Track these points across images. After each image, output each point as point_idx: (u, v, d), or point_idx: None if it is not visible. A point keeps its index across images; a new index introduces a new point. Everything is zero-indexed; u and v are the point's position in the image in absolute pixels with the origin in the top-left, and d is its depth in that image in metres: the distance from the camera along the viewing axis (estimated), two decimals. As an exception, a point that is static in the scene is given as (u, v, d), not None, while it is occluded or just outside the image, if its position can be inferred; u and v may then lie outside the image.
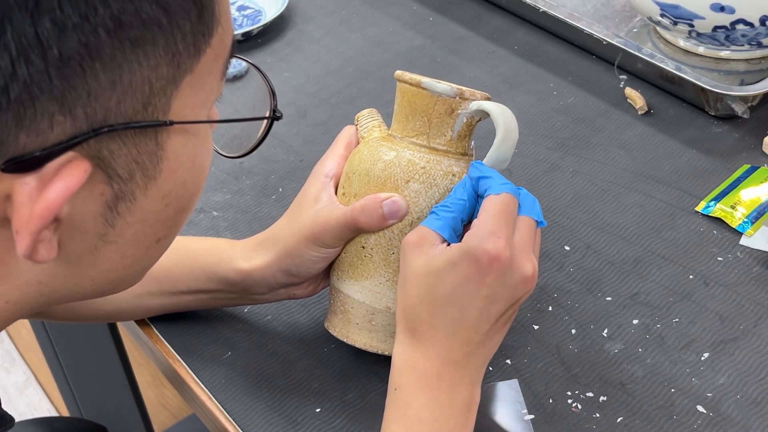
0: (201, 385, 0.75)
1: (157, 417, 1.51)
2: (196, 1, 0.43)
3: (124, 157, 0.43)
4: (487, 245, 0.58)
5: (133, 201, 0.45)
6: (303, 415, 0.71)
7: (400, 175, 0.65)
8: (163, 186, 0.46)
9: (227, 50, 0.48)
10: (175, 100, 0.44)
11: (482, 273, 0.58)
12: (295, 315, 0.79)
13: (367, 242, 0.66)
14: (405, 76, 0.66)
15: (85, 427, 1.00)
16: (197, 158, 0.48)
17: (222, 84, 0.49)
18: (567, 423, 0.69)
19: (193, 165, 0.48)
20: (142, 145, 0.44)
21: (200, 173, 0.49)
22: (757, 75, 1.00)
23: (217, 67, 0.47)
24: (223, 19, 0.46)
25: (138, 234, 0.47)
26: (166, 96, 0.43)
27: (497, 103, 0.65)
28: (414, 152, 0.65)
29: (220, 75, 0.48)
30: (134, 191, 0.45)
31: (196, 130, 0.47)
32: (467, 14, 1.17)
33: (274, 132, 1.00)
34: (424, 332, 0.60)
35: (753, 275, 0.79)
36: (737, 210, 0.84)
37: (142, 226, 0.47)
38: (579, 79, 1.04)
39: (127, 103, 0.42)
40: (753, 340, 0.74)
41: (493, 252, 0.58)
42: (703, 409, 0.69)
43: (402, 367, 0.61)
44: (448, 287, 0.59)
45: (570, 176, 0.91)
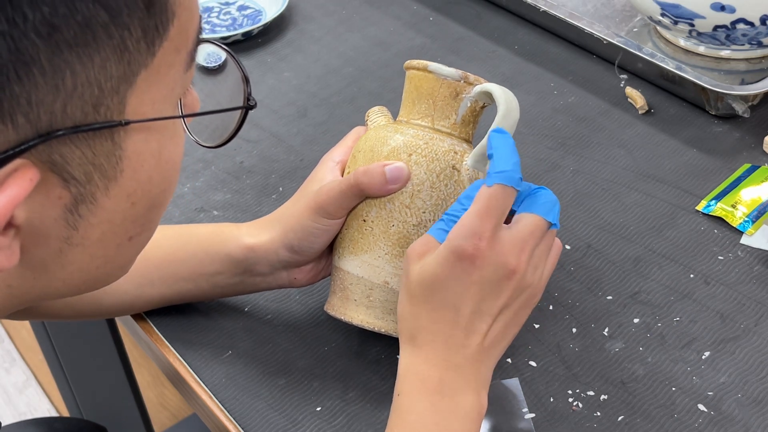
0: (201, 384, 0.75)
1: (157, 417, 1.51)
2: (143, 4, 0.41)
3: (78, 160, 0.42)
4: (465, 243, 0.58)
5: (95, 203, 0.44)
6: (303, 414, 0.71)
7: (402, 149, 0.66)
8: (126, 185, 0.45)
9: (191, 40, 0.46)
10: (131, 97, 0.43)
11: (467, 271, 0.58)
12: (295, 315, 0.79)
13: (368, 215, 0.67)
14: (413, 62, 0.68)
15: (85, 427, 1.00)
16: (163, 154, 0.46)
17: (190, 75, 0.47)
18: (568, 422, 0.69)
19: (158, 161, 0.46)
20: (97, 147, 0.42)
21: (168, 169, 0.47)
22: (757, 74, 1.00)
23: (180, 59, 0.45)
24: (181, 9, 0.44)
25: (106, 234, 0.46)
26: (119, 95, 0.42)
27: (500, 86, 0.66)
28: (417, 131, 0.67)
29: (185, 66, 0.46)
30: (94, 193, 0.44)
31: (160, 126, 0.46)
32: (467, 14, 1.17)
33: (275, 131, 1.00)
34: (424, 338, 0.60)
35: (753, 274, 0.79)
36: (738, 209, 0.84)
37: (109, 226, 0.46)
38: (579, 78, 1.04)
39: (75, 106, 0.40)
40: (754, 339, 0.74)
41: (472, 249, 0.58)
42: (704, 407, 0.69)
43: (404, 374, 0.61)
44: (441, 290, 0.59)
45: (570, 175, 0.91)
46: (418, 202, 0.66)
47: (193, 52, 0.47)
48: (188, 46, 0.46)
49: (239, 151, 0.97)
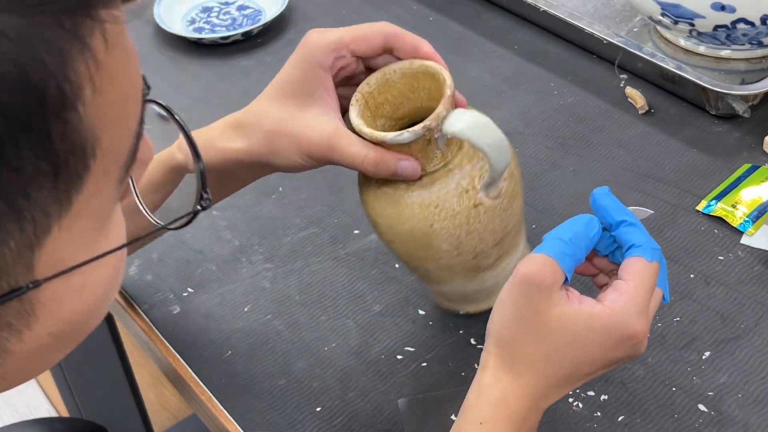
0: (201, 384, 0.75)
1: (157, 417, 1.51)
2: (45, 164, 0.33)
3: None
4: (635, 325, 0.56)
5: (8, 352, 0.38)
6: (303, 414, 0.71)
7: (420, 221, 0.65)
8: (45, 326, 0.38)
9: (124, 152, 0.37)
10: (41, 256, 0.35)
11: (616, 347, 0.57)
12: (295, 314, 0.79)
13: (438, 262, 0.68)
14: (373, 136, 0.63)
15: (85, 427, 1.00)
16: (89, 285, 0.39)
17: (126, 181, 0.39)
18: (568, 422, 0.69)
19: (82, 293, 0.39)
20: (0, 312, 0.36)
21: (98, 293, 0.40)
22: (757, 74, 1.00)
23: (111, 178, 0.37)
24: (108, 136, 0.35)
25: (24, 366, 0.40)
26: (23, 261, 0.35)
27: (470, 119, 0.61)
28: (419, 192, 0.65)
29: (117, 181, 0.38)
30: (5, 345, 0.37)
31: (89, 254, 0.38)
32: (467, 14, 1.16)
33: (274, 131, 1.00)
34: (531, 379, 0.57)
35: (754, 274, 0.79)
36: (738, 209, 0.83)
37: (27, 362, 0.40)
38: (579, 78, 1.04)
39: None
40: (754, 339, 0.73)
41: (637, 331, 0.56)
42: (705, 408, 0.69)
43: (495, 402, 0.57)
44: (578, 351, 0.57)
45: (571, 175, 0.91)
46: (467, 248, 0.66)
47: (131, 158, 0.38)
48: (121, 160, 0.37)
49: (239, 151, 0.97)
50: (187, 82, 1.09)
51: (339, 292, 0.81)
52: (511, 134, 0.96)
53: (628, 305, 0.56)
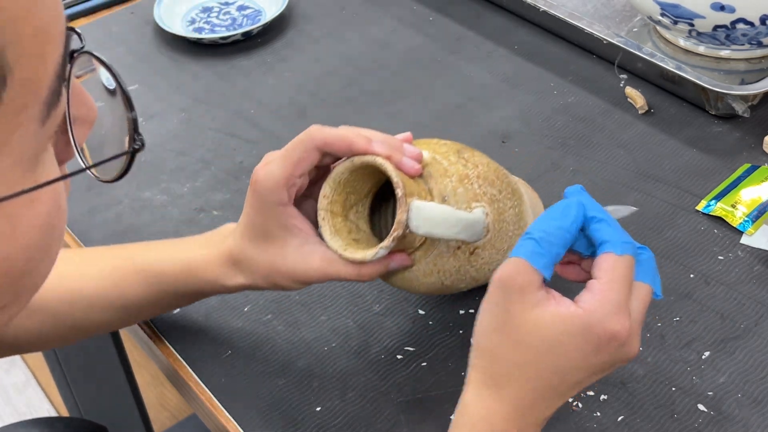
0: (201, 384, 0.75)
1: (157, 417, 1.51)
2: None
3: None
4: (612, 324, 0.54)
5: None
6: (303, 414, 0.71)
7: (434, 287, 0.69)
8: None
9: (44, 88, 0.36)
10: None
11: (598, 350, 0.55)
12: (295, 314, 0.79)
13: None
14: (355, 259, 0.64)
15: (86, 427, 1.00)
16: (19, 227, 0.37)
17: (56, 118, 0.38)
18: (568, 422, 0.69)
19: (14, 236, 0.37)
20: None
21: (33, 237, 0.38)
22: (757, 74, 1.00)
23: (29, 116, 0.36)
24: (20, 61, 0.34)
25: None
26: None
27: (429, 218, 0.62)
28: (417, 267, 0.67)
29: (39, 119, 0.36)
30: None
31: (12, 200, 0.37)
32: (467, 14, 1.16)
33: (274, 131, 1.00)
34: (511, 392, 0.56)
35: (754, 274, 0.79)
36: (738, 209, 0.84)
37: None
38: (579, 78, 1.04)
39: None
40: (754, 338, 0.74)
41: (617, 331, 0.54)
42: (704, 407, 0.69)
43: (477, 421, 0.56)
44: (558, 357, 0.55)
45: (570, 175, 0.91)
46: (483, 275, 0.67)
47: (54, 95, 0.37)
48: (41, 96, 0.36)
49: (239, 151, 0.97)
50: (187, 82, 1.09)
51: (339, 292, 0.81)
52: (511, 134, 0.96)
53: (602, 304, 0.54)
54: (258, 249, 0.67)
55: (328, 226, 0.66)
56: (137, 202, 0.92)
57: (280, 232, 0.66)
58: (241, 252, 0.68)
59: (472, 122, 0.99)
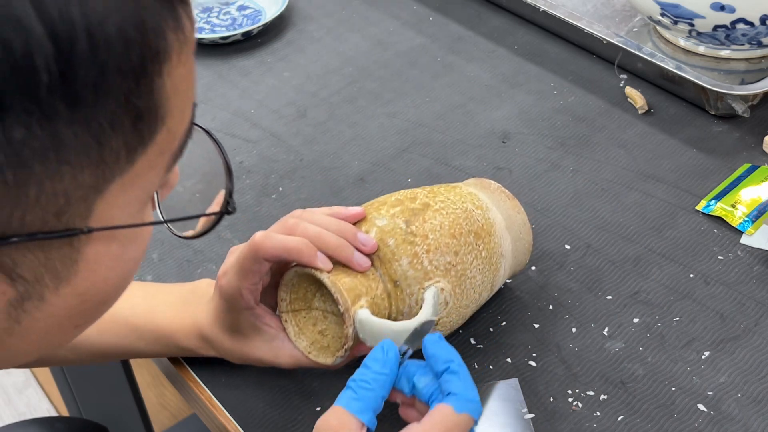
0: (201, 384, 0.75)
1: (157, 417, 1.51)
2: (129, 111, 0.38)
3: (29, 264, 0.39)
4: None
5: (42, 300, 0.41)
6: (303, 414, 0.71)
7: None
8: (79, 285, 0.42)
9: (178, 141, 0.43)
10: (99, 204, 0.39)
11: None
12: (295, 314, 0.79)
13: None
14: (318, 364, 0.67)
15: (86, 427, 1.00)
16: (124, 257, 0.43)
17: (172, 172, 0.44)
18: (567, 422, 0.69)
19: (118, 263, 0.43)
20: (53, 252, 0.39)
21: (129, 267, 0.44)
22: (757, 74, 1.00)
23: (163, 161, 0.42)
24: (171, 115, 0.40)
25: (50, 327, 0.43)
26: (86, 203, 0.39)
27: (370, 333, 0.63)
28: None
29: (167, 167, 0.43)
30: (42, 292, 0.40)
31: (127, 230, 0.43)
32: (467, 14, 1.16)
33: (274, 131, 1.00)
34: None
35: (753, 274, 0.79)
36: (738, 209, 0.84)
37: (54, 320, 0.43)
38: (579, 78, 1.04)
39: (35, 216, 0.37)
40: (754, 338, 0.74)
41: None
42: (704, 407, 0.69)
43: None
44: None
45: (570, 175, 0.91)
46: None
47: (180, 151, 0.43)
48: (174, 148, 0.42)
49: (239, 151, 0.97)
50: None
51: (339, 292, 0.81)
52: (511, 134, 0.96)
53: None
54: (227, 339, 0.70)
55: (292, 327, 0.68)
56: (137, 202, 0.92)
57: (248, 330, 0.69)
58: (212, 335, 0.70)
59: (472, 122, 0.99)
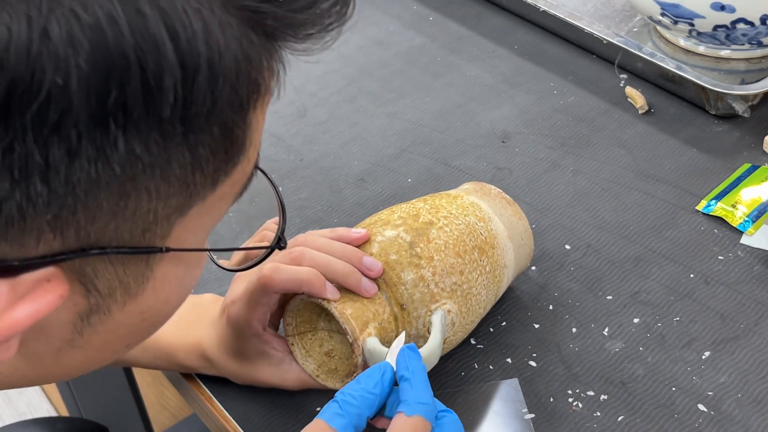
0: (201, 384, 0.75)
1: (157, 417, 1.51)
2: (226, 141, 0.40)
3: (107, 276, 0.41)
4: None
5: (108, 314, 0.43)
6: (303, 414, 0.71)
7: None
8: (143, 303, 0.44)
9: (247, 176, 0.45)
10: (178, 225, 0.42)
11: None
12: (295, 314, 0.79)
13: None
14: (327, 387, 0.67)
15: (87, 427, 1.00)
16: (186, 279, 0.46)
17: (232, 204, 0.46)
18: (568, 422, 0.69)
19: (180, 285, 0.46)
20: (130, 267, 0.41)
21: (186, 291, 0.47)
22: (757, 74, 1.00)
23: (232, 193, 0.45)
24: (252, 148, 0.43)
25: (108, 342, 0.45)
26: (169, 223, 0.41)
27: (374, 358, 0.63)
28: None
29: (233, 199, 0.45)
30: (110, 306, 0.42)
31: (193, 255, 0.45)
32: (467, 14, 1.16)
33: (274, 131, 1.00)
34: None
35: (754, 274, 0.79)
36: (738, 209, 0.83)
37: (113, 336, 0.45)
38: (579, 78, 1.04)
39: (125, 229, 0.39)
40: (754, 338, 0.73)
41: None
42: (704, 407, 0.69)
43: None
44: None
45: (570, 175, 0.91)
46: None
47: (245, 187, 0.46)
48: (242, 181, 0.45)
49: (239, 151, 0.97)
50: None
51: (339, 292, 0.81)
52: (511, 134, 0.96)
53: None
54: (235, 363, 0.70)
55: (299, 350, 0.68)
56: (137, 202, 0.92)
57: (255, 355, 0.69)
58: (216, 358, 0.71)
59: (472, 122, 0.99)
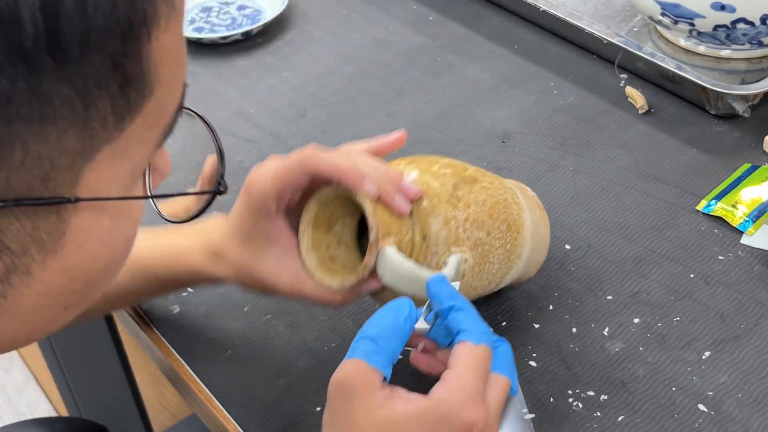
0: (201, 384, 0.75)
1: (157, 417, 1.51)
2: (116, 73, 0.37)
3: (15, 232, 0.38)
4: (467, 414, 0.51)
5: (29, 275, 0.40)
6: (303, 414, 0.71)
7: None
8: (67, 260, 0.41)
9: (168, 116, 0.42)
10: (87, 172, 0.39)
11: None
12: (295, 314, 0.79)
13: None
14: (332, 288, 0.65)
15: (87, 427, 1.00)
16: (115, 234, 0.43)
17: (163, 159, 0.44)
18: (568, 422, 0.69)
19: (107, 240, 0.42)
20: (39, 221, 0.39)
21: (119, 248, 0.44)
22: (757, 74, 1.00)
23: (152, 136, 0.42)
24: (160, 86, 0.40)
25: (39, 305, 0.42)
26: (73, 170, 0.38)
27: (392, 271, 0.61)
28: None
29: (157, 142, 0.42)
30: (29, 265, 0.40)
31: (117, 204, 0.42)
32: (467, 14, 1.16)
33: (274, 131, 1.00)
34: None
35: (754, 274, 0.79)
36: (738, 209, 0.83)
37: (43, 298, 0.42)
38: (579, 78, 1.04)
39: (20, 180, 0.37)
40: (754, 338, 0.73)
41: (472, 421, 0.52)
42: (704, 407, 0.69)
43: None
44: None
45: (570, 175, 0.91)
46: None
47: (170, 128, 0.43)
48: (164, 123, 0.42)
49: (239, 151, 0.97)
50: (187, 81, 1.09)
51: (339, 292, 0.81)
52: (511, 134, 0.96)
53: (456, 393, 0.52)
54: (238, 248, 0.67)
55: (306, 241, 0.66)
56: (137, 202, 0.92)
57: (261, 240, 0.66)
58: (222, 245, 0.68)
59: (472, 122, 0.99)
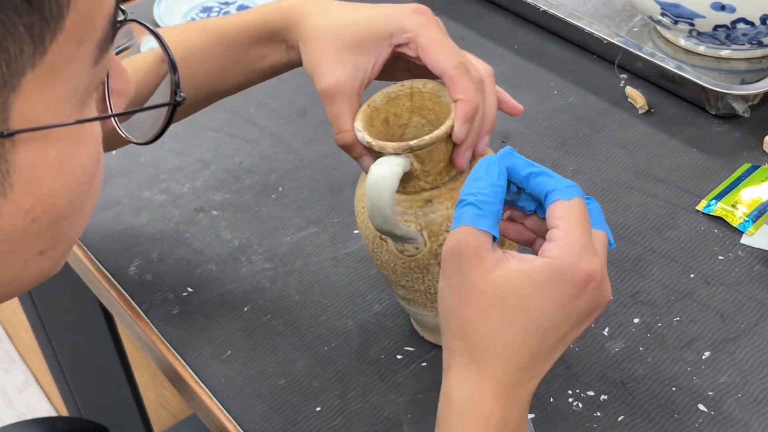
0: (201, 384, 0.75)
1: (157, 417, 1.51)
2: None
3: None
4: (584, 264, 0.51)
5: None
6: (303, 414, 0.71)
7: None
8: (21, 201, 0.39)
9: (100, 28, 0.39)
10: (16, 102, 0.36)
11: (575, 296, 0.51)
12: (295, 314, 0.79)
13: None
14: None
15: (87, 427, 1.00)
16: (66, 162, 0.40)
17: (105, 66, 0.41)
18: (568, 422, 0.69)
19: (60, 171, 0.40)
20: None
21: (75, 178, 0.41)
22: (757, 74, 1.00)
23: (84, 52, 0.38)
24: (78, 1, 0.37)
25: (6, 253, 0.40)
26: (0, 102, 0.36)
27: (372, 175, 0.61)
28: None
29: (92, 59, 0.39)
30: None
31: (60, 132, 0.39)
32: (467, 14, 1.16)
33: (274, 131, 1.00)
34: (494, 367, 0.52)
35: (754, 274, 0.79)
36: (738, 209, 0.83)
37: (8, 245, 0.40)
38: (579, 78, 1.03)
39: None
40: (754, 338, 0.73)
41: (591, 271, 0.51)
42: (704, 407, 0.69)
43: (464, 409, 0.52)
44: (533, 314, 0.51)
45: (571, 175, 0.90)
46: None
47: (106, 41, 0.40)
48: (96, 36, 0.39)
49: (238, 151, 0.97)
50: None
51: (339, 291, 0.81)
52: (511, 134, 0.96)
53: (569, 248, 0.51)
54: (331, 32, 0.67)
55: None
56: (137, 202, 0.92)
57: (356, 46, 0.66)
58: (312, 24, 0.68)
59: (472, 122, 0.99)
